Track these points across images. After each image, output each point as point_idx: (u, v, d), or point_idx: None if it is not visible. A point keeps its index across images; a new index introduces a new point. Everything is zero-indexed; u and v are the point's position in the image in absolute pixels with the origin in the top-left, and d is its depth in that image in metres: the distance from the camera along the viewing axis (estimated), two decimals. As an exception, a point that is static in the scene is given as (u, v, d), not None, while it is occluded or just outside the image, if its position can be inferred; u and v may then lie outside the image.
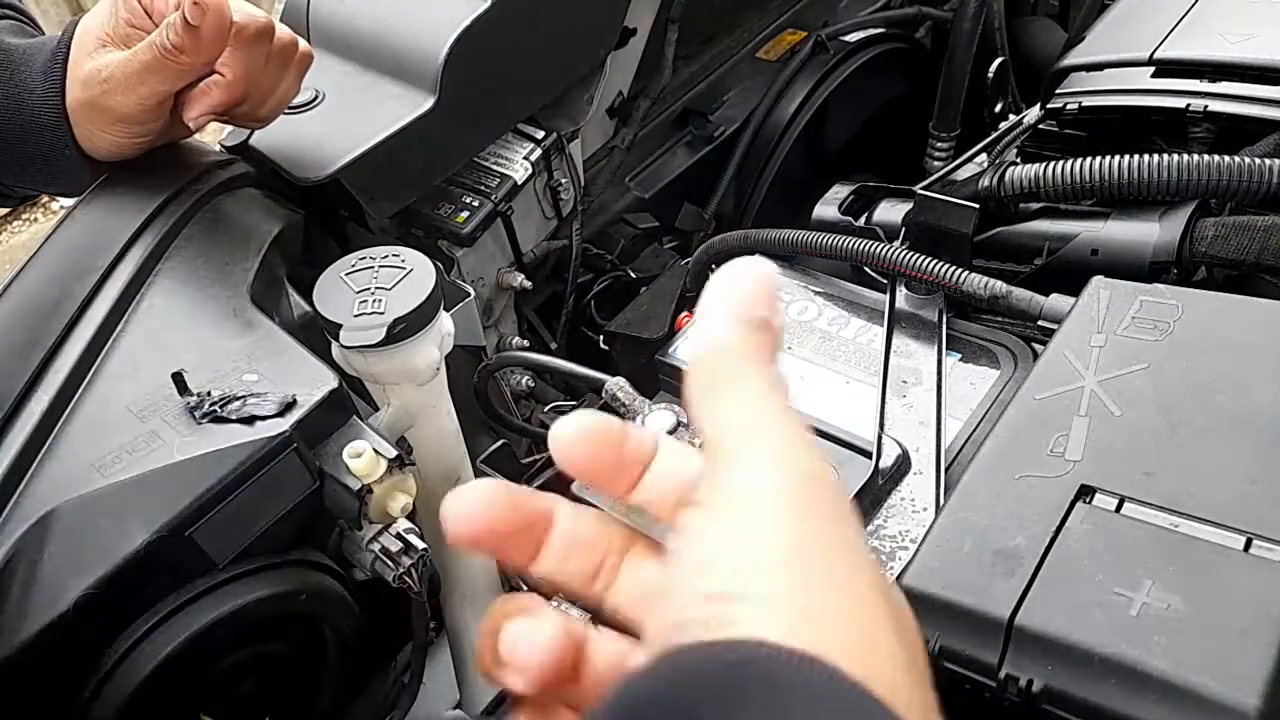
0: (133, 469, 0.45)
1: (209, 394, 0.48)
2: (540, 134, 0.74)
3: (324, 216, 0.70)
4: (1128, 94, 0.65)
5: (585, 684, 0.27)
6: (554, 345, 0.82)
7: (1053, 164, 0.58)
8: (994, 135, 0.73)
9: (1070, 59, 0.69)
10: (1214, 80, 0.62)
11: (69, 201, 0.60)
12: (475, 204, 0.70)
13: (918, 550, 0.41)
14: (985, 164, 0.72)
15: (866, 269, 0.61)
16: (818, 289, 0.62)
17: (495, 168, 0.72)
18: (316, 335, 0.53)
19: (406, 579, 0.49)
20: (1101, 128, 0.70)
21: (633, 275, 0.82)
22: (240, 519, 0.46)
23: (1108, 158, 0.56)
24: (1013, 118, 0.75)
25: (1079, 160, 0.57)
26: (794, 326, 0.60)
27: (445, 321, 0.54)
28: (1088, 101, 0.66)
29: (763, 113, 0.90)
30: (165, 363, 0.50)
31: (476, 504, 0.28)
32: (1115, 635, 0.35)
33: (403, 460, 0.48)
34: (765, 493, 0.24)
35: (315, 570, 0.50)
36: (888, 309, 0.57)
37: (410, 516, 0.50)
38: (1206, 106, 0.61)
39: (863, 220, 0.67)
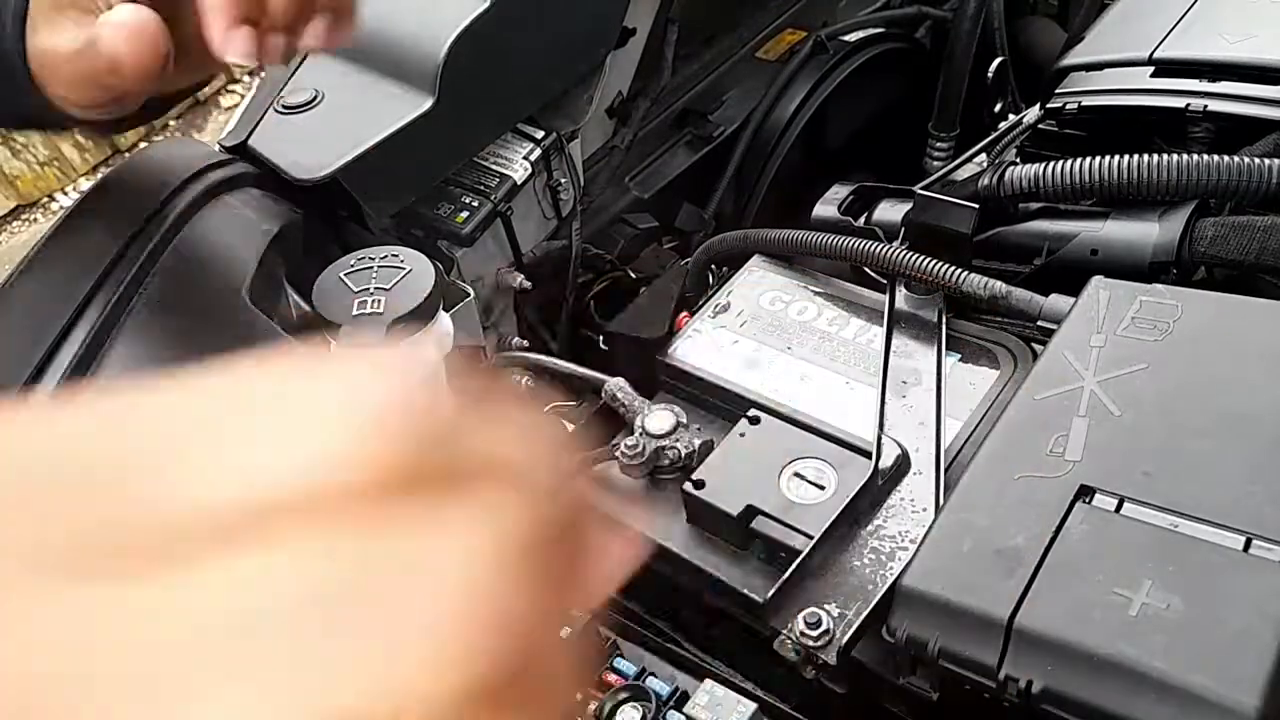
0: (132, 469, 0.45)
1: (208, 394, 0.48)
2: (540, 134, 0.74)
3: (323, 216, 0.70)
4: (1127, 94, 0.65)
5: None
6: (554, 345, 0.81)
7: (1052, 164, 0.58)
8: (993, 135, 0.73)
9: (1070, 59, 0.69)
10: (1213, 80, 0.62)
11: (68, 201, 0.60)
12: (475, 204, 0.70)
13: (917, 550, 0.41)
14: (985, 164, 0.72)
15: (866, 269, 0.61)
16: (817, 289, 0.62)
17: (495, 168, 0.72)
18: (316, 335, 0.53)
19: (406, 579, 0.49)
20: (1101, 127, 0.70)
21: (633, 275, 0.81)
22: (239, 519, 0.46)
23: (1107, 157, 0.56)
24: (1012, 117, 0.75)
25: (1078, 160, 0.57)
26: (793, 326, 0.60)
27: (444, 322, 0.54)
28: (1087, 101, 0.66)
29: (762, 113, 0.90)
30: (163, 363, 0.50)
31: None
32: (1115, 635, 0.35)
33: (402, 460, 0.48)
34: None
35: (314, 571, 0.50)
36: (887, 309, 0.57)
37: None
38: (1206, 106, 0.61)
39: (862, 220, 0.67)
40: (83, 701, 0.11)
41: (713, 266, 0.70)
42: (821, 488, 0.49)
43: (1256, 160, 0.52)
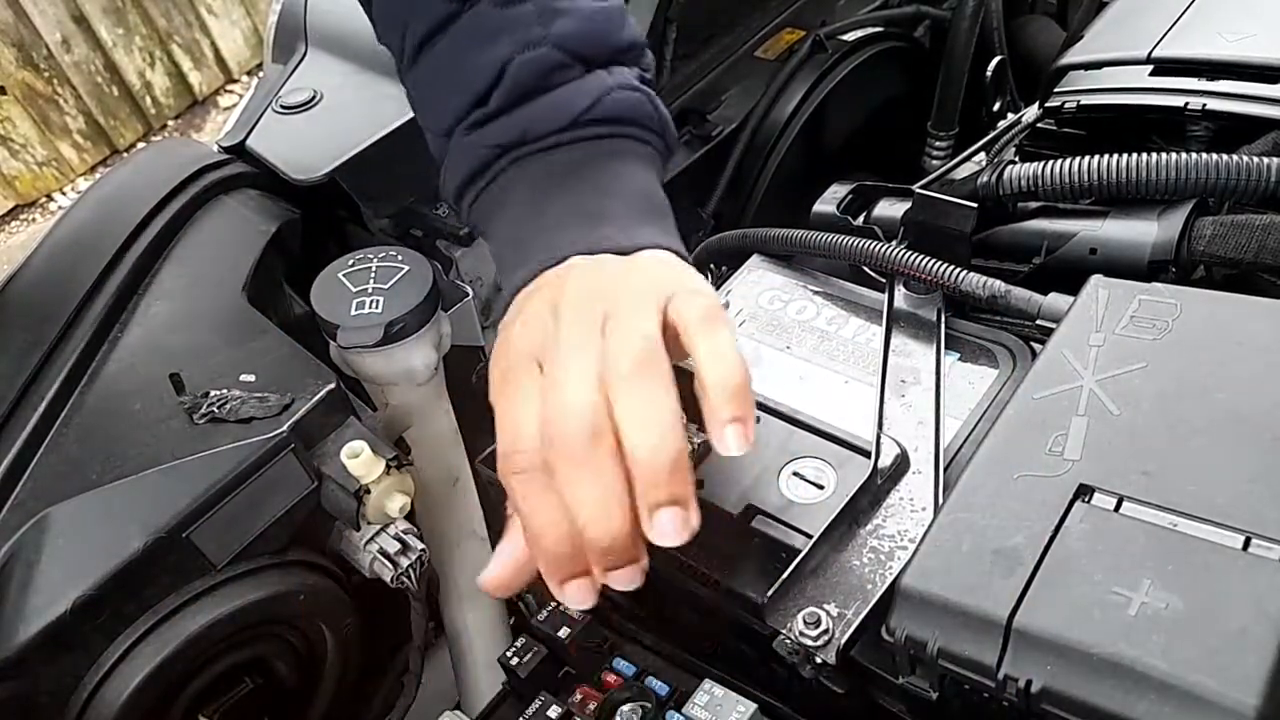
0: (130, 471, 0.45)
1: (206, 395, 0.48)
2: (538, 133, 0.73)
3: (322, 216, 0.70)
4: (1126, 93, 0.65)
5: None
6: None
7: (1051, 163, 0.58)
8: (992, 134, 0.73)
9: (1068, 58, 0.69)
10: (1212, 79, 0.62)
11: (67, 201, 0.60)
12: (473, 204, 0.70)
13: (916, 550, 0.41)
14: (984, 163, 0.72)
15: (865, 268, 0.61)
16: (816, 288, 0.62)
17: (493, 167, 0.72)
18: (314, 335, 0.53)
19: (405, 579, 0.49)
20: (1100, 126, 0.70)
21: (632, 275, 0.81)
22: (238, 520, 0.46)
23: (1106, 156, 0.55)
24: (1011, 116, 0.75)
25: (1077, 159, 0.56)
26: (792, 326, 0.60)
27: (443, 321, 0.54)
28: (1086, 100, 0.66)
29: (761, 112, 0.90)
30: (162, 363, 0.50)
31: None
32: (1114, 635, 0.35)
33: (400, 460, 0.48)
34: None
35: (313, 571, 0.50)
36: (886, 308, 0.57)
37: (409, 517, 0.50)
38: (1205, 105, 0.60)
39: (861, 219, 0.67)
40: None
41: (711, 265, 0.70)
42: (821, 487, 0.49)
43: (1255, 159, 0.52)
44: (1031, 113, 0.72)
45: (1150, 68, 0.64)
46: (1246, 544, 0.36)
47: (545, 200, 0.44)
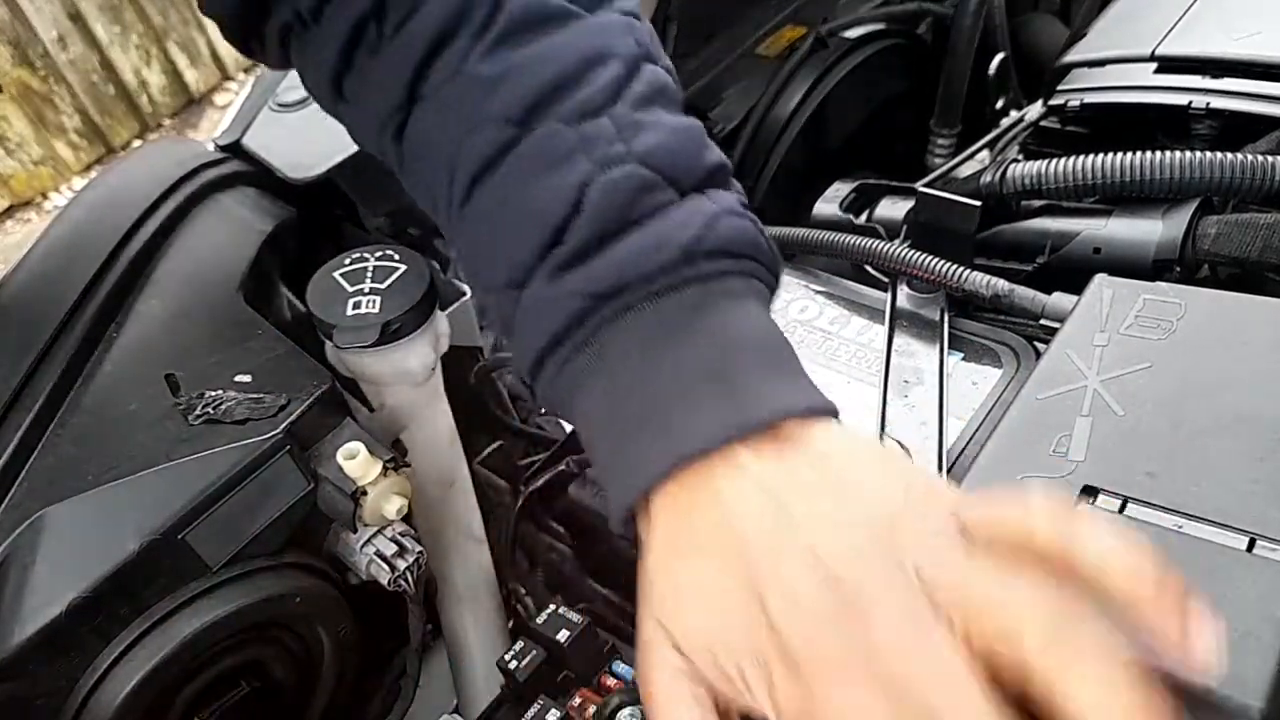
0: (125, 472, 0.45)
1: (202, 395, 0.47)
2: (537, 131, 0.73)
3: (318, 215, 0.69)
4: (1130, 91, 0.64)
5: None
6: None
7: (1055, 161, 0.57)
8: (996, 132, 0.73)
9: (1072, 55, 0.69)
10: (1216, 77, 0.61)
11: (63, 201, 0.60)
12: (472, 202, 0.69)
13: (919, 552, 0.41)
14: (987, 161, 0.71)
15: (867, 267, 0.60)
16: (818, 288, 0.61)
17: (492, 166, 0.71)
18: (310, 335, 0.52)
19: (402, 582, 0.48)
20: (1104, 124, 0.69)
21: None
22: (234, 522, 0.46)
23: (1110, 155, 0.55)
24: (1014, 114, 0.75)
25: (1081, 157, 0.56)
26: (794, 326, 0.59)
27: (440, 321, 0.54)
28: (1090, 98, 0.66)
29: (762, 110, 0.89)
30: (157, 364, 0.50)
31: None
32: (1119, 638, 0.35)
33: (398, 462, 0.48)
34: None
35: (310, 574, 0.50)
36: (889, 308, 0.57)
37: (406, 519, 0.50)
38: (1209, 103, 0.60)
39: (863, 218, 0.67)
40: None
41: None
42: (822, 488, 0.48)
43: (1259, 157, 0.52)
44: (1035, 110, 0.71)
45: (1154, 65, 0.64)
46: (1251, 545, 0.36)
47: (661, 362, 0.34)
